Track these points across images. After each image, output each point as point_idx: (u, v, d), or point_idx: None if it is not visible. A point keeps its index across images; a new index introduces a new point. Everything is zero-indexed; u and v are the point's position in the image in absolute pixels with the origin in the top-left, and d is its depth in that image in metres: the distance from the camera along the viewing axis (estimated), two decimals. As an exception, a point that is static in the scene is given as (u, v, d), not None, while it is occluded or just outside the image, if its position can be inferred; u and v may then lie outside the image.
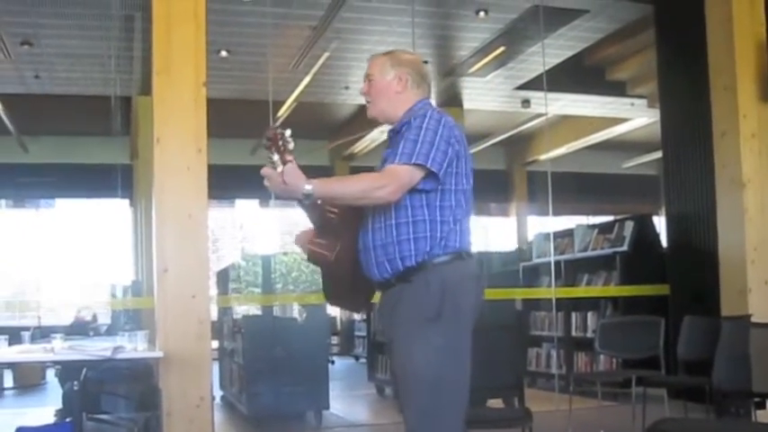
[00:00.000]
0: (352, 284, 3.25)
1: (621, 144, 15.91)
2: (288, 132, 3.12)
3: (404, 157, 3.03)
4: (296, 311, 8.34)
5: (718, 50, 6.68)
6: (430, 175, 3.06)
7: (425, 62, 10.92)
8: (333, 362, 12.29)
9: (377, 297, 3.36)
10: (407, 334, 3.09)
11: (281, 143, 3.10)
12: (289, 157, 3.05)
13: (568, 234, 10.11)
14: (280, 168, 3.00)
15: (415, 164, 3.02)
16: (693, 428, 4.01)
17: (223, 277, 9.88)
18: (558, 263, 9.38)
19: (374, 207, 3.14)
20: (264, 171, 3.06)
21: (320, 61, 10.58)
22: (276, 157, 3.03)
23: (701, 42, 6.87)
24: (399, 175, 3.03)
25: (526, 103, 12.92)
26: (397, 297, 3.14)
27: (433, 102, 3.47)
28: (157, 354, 5.14)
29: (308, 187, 2.99)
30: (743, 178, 6.45)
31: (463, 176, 3.19)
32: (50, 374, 10.87)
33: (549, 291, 9.34)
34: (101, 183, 13.66)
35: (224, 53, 10.34)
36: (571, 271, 9.57)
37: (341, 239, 3.21)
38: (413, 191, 3.08)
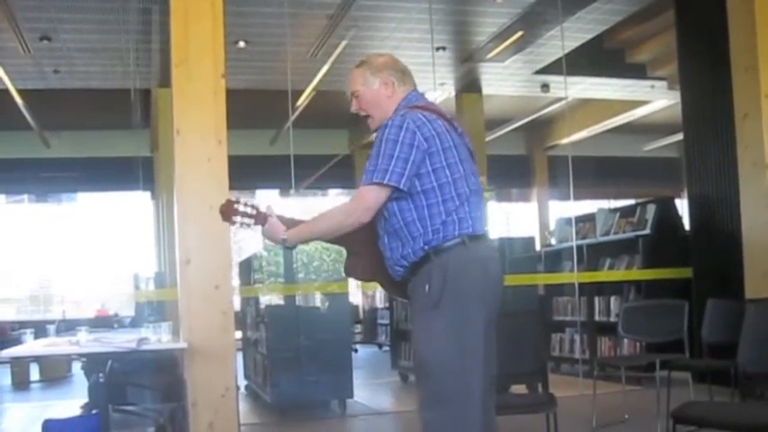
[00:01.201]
0: (392, 282, 3.35)
1: (642, 127, 15.82)
2: (236, 197, 3.37)
3: (367, 176, 3.15)
4: (318, 300, 8.35)
5: (740, 31, 6.61)
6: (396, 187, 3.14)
7: (443, 48, 11.05)
8: (356, 350, 12.31)
9: None
10: (414, 322, 3.25)
11: (243, 210, 3.34)
12: (263, 212, 3.34)
13: (590, 218, 10.08)
14: (259, 229, 3.30)
15: (375, 182, 3.12)
16: (718, 412, 3.99)
17: (245, 268, 9.91)
18: (580, 247, 9.36)
19: (373, 221, 3.24)
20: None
21: (338, 50, 10.57)
22: (251, 222, 3.31)
23: (722, 23, 6.80)
24: (364, 198, 3.16)
25: (546, 87, 12.86)
26: (411, 292, 3.24)
27: (452, 88, 3.55)
28: (182, 345, 5.17)
29: (284, 236, 3.29)
30: (765, 160, 6.38)
31: (446, 168, 3.19)
32: (76, 367, 10.96)
33: (572, 275, 9.33)
34: (122, 176, 13.74)
35: (242, 44, 10.34)
36: (593, 255, 9.54)
37: (361, 258, 3.39)
38: (393, 200, 3.18)
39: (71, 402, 7.71)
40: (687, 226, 8.47)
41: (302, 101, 12.06)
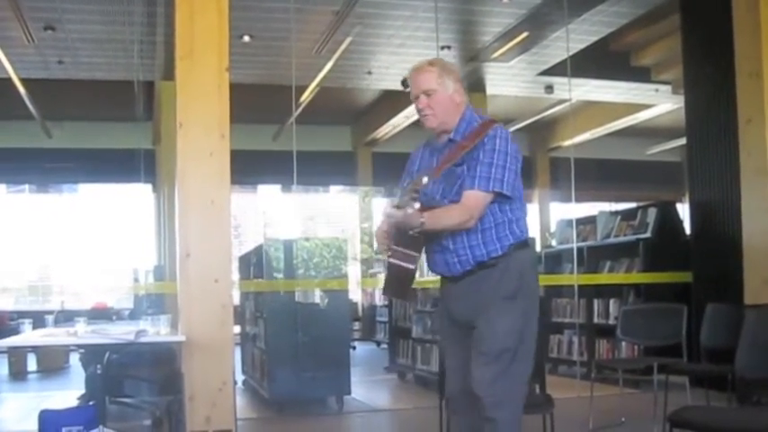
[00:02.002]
0: (412, 281, 3.60)
1: (645, 130, 15.81)
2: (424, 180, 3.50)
3: (482, 183, 3.48)
4: (318, 297, 8.34)
5: (745, 36, 6.60)
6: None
7: (448, 47, 11.06)
8: (354, 347, 12.30)
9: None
10: (488, 310, 3.51)
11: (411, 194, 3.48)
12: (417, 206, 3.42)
13: (591, 221, 10.07)
14: (410, 210, 3.36)
15: (492, 191, 3.48)
16: (715, 417, 3.99)
17: (245, 262, 9.91)
18: (580, 249, 9.36)
19: None
20: (390, 212, 3.42)
21: (343, 46, 10.56)
22: (417, 206, 3.39)
23: (727, 28, 6.79)
24: (479, 204, 3.49)
25: (549, 88, 12.85)
26: (478, 281, 3.55)
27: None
28: (180, 338, 5.17)
29: (423, 220, 3.38)
30: (768, 166, 6.39)
31: (520, 177, 3.61)
32: (74, 358, 10.96)
33: (572, 277, 9.33)
34: (124, 168, 13.70)
35: (247, 38, 10.34)
36: (593, 258, 9.54)
37: (419, 250, 3.56)
38: (491, 203, 3.54)
39: (68, 393, 7.71)
40: (688, 230, 8.47)
41: (306, 97, 12.06)
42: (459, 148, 3.55)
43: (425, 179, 3.46)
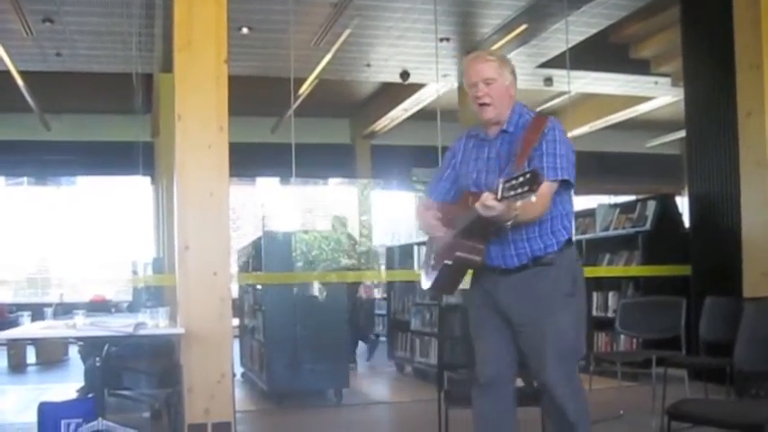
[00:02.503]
0: (465, 275, 3.69)
1: (645, 123, 15.81)
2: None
3: (550, 173, 3.50)
4: (316, 290, 8.34)
5: (745, 28, 6.59)
6: (565, 183, 3.59)
7: (447, 39, 11.03)
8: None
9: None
10: (553, 308, 3.58)
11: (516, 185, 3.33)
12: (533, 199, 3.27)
13: (590, 213, 10.06)
14: (519, 203, 3.22)
15: (560, 180, 3.54)
16: (714, 409, 4.00)
17: (244, 255, 9.91)
18: (579, 242, 9.34)
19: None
20: (489, 200, 3.25)
21: (342, 38, 10.54)
22: (533, 198, 3.20)
23: (727, 20, 6.77)
24: (549, 195, 3.52)
25: (549, 81, 12.83)
26: (535, 278, 3.60)
27: (455, 79, 3.72)
28: (179, 330, 5.17)
29: (517, 212, 3.34)
30: (767, 159, 6.38)
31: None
32: (73, 351, 10.96)
33: (570, 270, 9.30)
34: (122, 160, 13.69)
35: (245, 30, 10.31)
36: (592, 250, 9.54)
37: (486, 242, 3.58)
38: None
39: (67, 386, 7.71)
40: (687, 223, 8.47)
41: (304, 89, 12.04)
42: (527, 142, 3.56)
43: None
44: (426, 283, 3.87)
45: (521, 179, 3.12)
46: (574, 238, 3.80)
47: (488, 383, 3.77)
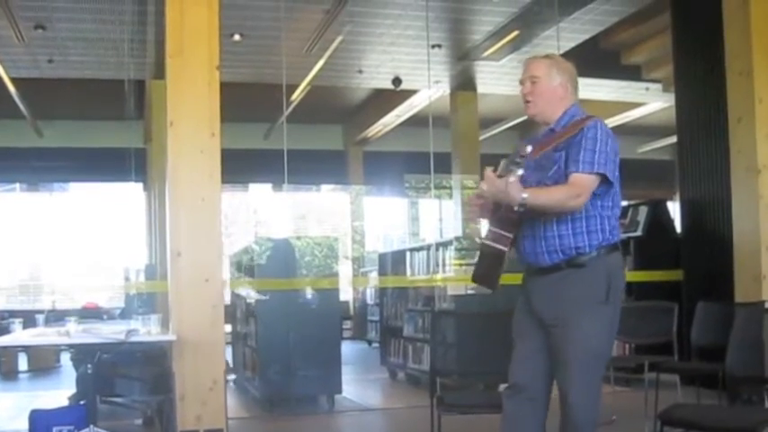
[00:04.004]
0: (503, 266, 3.61)
1: (636, 129, 15.82)
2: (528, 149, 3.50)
3: (586, 167, 3.49)
4: (309, 296, 8.34)
5: (735, 35, 6.61)
6: (604, 180, 3.54)
7: (439, 46, 11.05)
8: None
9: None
10: (581, 313, 3.52)
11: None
12: (520, 173, 3.39)
13: (582, 219, 10.05)
14: (512, 178, 3.32)
15: (596, 173, 3.49)
16: (706, 414, 4.01)
17: (236, 261, 9.90)
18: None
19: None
20: (489, 173, 3.40)
21: (334, 45, 10.55)
22: (520, 172, 3.36)
23: (718, 26, 6.80)
24: (586, 185, 3.50)
25: (540, 87, 12.84)
26: (567, 280, 3.56)
27: (447, 86, 3.72)
28: (171, 337, 5.17)
29: (525, 195, 3.37)
30: (758, 164, 6.38)
31: (618, 180, 3.63)
32: (65, 358, 10.93)
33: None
34: (114, 167, 13.68)
35: (237, 37, 10.31)
36: (584, 256, 9.53)
37: (513, 231, 3.58)
38: None
39: (59, 393, 7.70)
40: (679, 228, 8.48)
41: (297, 95, 12.05)
42: (559, 135, 3.62)
43: (529, 148, 3.47)
44: (472, 276, 3.84)
45: (517, 157, 3.31)
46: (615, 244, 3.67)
47: (518, 389, 3.72)
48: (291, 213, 17.84)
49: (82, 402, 5.75)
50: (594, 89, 13.13)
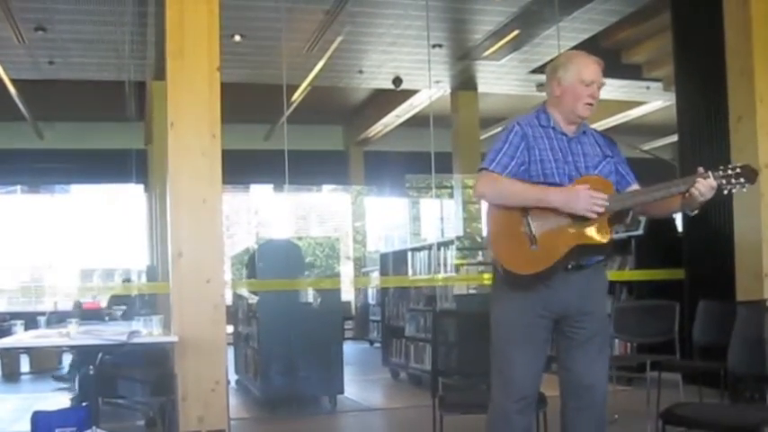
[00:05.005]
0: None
1: (637, 127, 15.83)
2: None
3: (631, 177, 3.94)
4: (311, 296, 8.34)
5: (735, 33, 6.61)
6: None
7: (439, 45, 11.05)
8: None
9: None
10: (604, 304, 3.86)
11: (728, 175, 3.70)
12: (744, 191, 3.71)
13: (583, 218, 10.06)
14: (735, 190, 3.66)
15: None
16: (708, 413, 4.00)
17: (238, 262, 9.90)
18: (572, 247, 9.33)
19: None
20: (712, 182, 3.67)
21: (334, 45, 10.55)
22: (744, 190, 3.68)
23: (718, 25, 6.80)
24: None
25: (541, 86, 12.84)
26: (594, 278, 3.73)
27: (448, 85, 3.82)
28: (172, 338, 5.17)
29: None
30: (759, 163, 6.37)
31: None
32: (66, 359, 10.92)
33: (564, 275, 9.30)
34: (116, 168, 13.71)
35: (237, 37, 10.32)
36: (586, 255, 9.53)
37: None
38: None
39: (61, 394, 7.70)
40: (680, 227, 8.48)
41: (297, 96, 12.05)
42: (609, 145, 3.89)
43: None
44: (529, 267, 3.62)
45: (737, 170, 3.56)
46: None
47: (529, 402, 3.71)
48: (292, 214, 17.85)
49: (84, 404, 5.75)
50: (595, 88, 13.13)
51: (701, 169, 3.58)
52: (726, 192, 3.58)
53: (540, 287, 3.62)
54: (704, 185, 3.57)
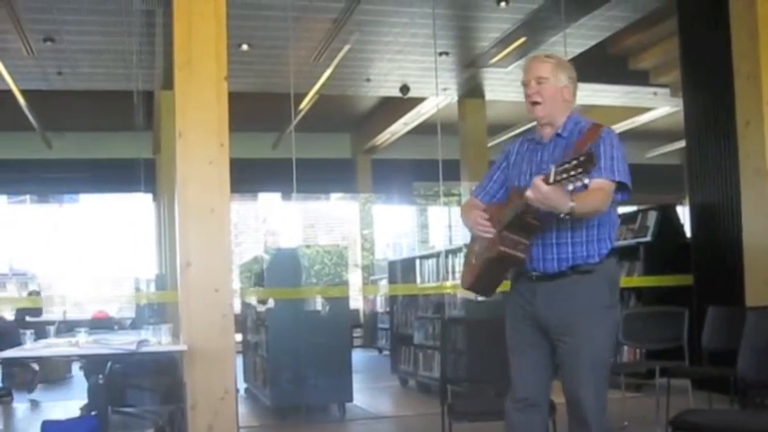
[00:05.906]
0: (507, 274, 3.70)
1: (644, 134, 15.81)
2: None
3: (608, 173, 3.48)
4: (319, 304, 8.35)
5: (742, 38, 6.61)
6: (621, 188, 3.56)
7: (446, 53, 11.06)
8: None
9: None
10: (591, 318, 3.53)
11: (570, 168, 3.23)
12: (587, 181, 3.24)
13: (591, 225, 10.04)
14: (571, 187, 3.19)
15: (616, 180, 3.50)
16: (717, 419, 3.99)
17: (246, 271, 9.91)
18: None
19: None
20: (538, 182, 3.24)
21: (341, 53, 10.57)
22: (587, 181, 3.19)
23: (725, 30, 6.80)
24: (610, 192, 3.50)
25: (548, 93, 12.84)
26: (575, 286, 3.54)
27: (455, 93, 3.73)
28: (181, 347, 5.17)
29: (572, 204, 3.29)
30: (767, 167, 6.38)
31: None
32: (76, 368, 10.94)
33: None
34: (124, 177, 13.72)
35: (245, 47, 10.35)
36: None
37: (530, 239, 3.54)
38: None
39: (70, 404, 7.71)
40: (688, 233, 8.47)
41: (305, 104, 12.07)
42: (581, 145, 3.47)
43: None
44: (465, 283, 3.86)
45: (574, 162, 3.11)
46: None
47: (529, 403, 3.71)
48: (301, 222, 17.88)
49: (94, 413, 5.76)
50: (602, 95, 13.13)
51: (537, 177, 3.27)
52: (571, 187, 3.18)
53: (515, 296, 3.73)
54: (532, 191, 3.25)
